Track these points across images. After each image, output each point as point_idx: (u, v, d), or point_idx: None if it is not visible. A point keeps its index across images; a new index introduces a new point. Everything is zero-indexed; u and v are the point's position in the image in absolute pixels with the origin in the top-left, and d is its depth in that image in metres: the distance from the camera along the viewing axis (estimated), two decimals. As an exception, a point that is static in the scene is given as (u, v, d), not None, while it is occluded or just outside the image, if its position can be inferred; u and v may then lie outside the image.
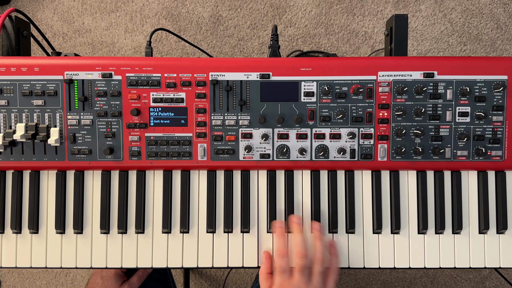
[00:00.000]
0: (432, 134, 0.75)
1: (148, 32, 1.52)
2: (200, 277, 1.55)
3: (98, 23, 1.54)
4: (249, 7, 1.52)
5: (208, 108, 0.76)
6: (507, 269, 1.50)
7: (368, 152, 0.76)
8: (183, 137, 0.76)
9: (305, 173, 0.78)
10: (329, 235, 0.77)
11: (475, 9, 1.51)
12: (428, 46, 1.52)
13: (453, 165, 0.76)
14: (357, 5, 1.52)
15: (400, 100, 0.75)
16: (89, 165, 0.76)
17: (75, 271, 1.56)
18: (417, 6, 1.51)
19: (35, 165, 0.76)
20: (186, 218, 0.77)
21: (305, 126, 0.76)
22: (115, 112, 0.75)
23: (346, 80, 0.75)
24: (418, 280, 1.55)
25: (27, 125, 0.75)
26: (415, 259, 0.77)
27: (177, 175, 0.78)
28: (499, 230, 0.77)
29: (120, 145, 0.76)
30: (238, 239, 0.78)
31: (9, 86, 0.75)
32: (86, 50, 1.55)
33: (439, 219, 0.77)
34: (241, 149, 0.76)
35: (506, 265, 0.77)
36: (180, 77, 0.75)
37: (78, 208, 0.77)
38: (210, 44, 1.53)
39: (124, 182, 0.78)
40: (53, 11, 1.54)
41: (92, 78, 0.75)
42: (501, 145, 0.75)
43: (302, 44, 1.52)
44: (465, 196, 0.78)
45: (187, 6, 1.52)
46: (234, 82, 0.75)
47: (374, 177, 0.78)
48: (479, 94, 0.75)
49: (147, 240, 0.78)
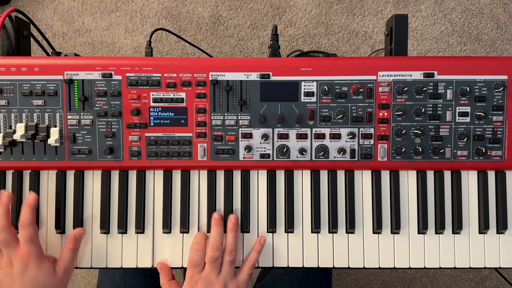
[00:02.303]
0: (432, 134, 0.75)
1: (148, 32, 1.52)
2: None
3: (98, 23, 1.54)
4: (249, 7, 1.52)
5: (208, 108, 0.76)
6: (507, 269, 1.50)
7: (368, 152, 0.76)
8: (183, 137, 0.76)
9: (305, 173, 0.78)
10: (329, 235, 0.77)
11: (475, 9, 1.51)
12: (428, 46, 1.52)
13: (453, 165, 0.76)
14: (357, 5, 1.52)
15: (400, 100, 0.75)
16: (89, 165, 0.76)
17: (75, 271, 1.55)
18: (417, 6, 1.51)
19: (35, 165, 0.76)
20: (186, 218, 0.77)
21: (305, 126, 0.76)
22: (115, 112, 0.75)
23: (346, 80, 0.75)
24: (418, 280, 1.55)
25: (27, 125, 0.75)
26: (415, 259, 0.77)
27: (177, 175, 0.78)
28: (499, 230, 0.77)
29: (120, 145, 0.76)
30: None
31: (9, 86, 0.75)
32: (86, 50, 1.55)
33: (439, 219, 0.77)
34: (241, 149, 0.76)
35: (506, 265, 0.77)
36: (180, 77, 0.75)
37: (78, 208, 0.77)
38: (210, 44, 1.53)
39: (124, 182, 0.78)
40: (53, 11, 1.54)
41: (92, 78, 0.75)
42: (501, 145, 0.75)
43: (302, 44, 1.52)
44: (465, 196, 0.78)
45: (187, 6, 1.52)
46: (234, 82, 0.75)
47: (374, 177, 0.78)
48: (479, 94, 0.75)
49: (147, 240, 0.78)
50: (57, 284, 0.71)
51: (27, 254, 0.69)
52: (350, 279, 1.54)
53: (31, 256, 0.69)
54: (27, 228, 0.70)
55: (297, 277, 0.96)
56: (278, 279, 0.97)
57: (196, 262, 0.72)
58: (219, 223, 0.75)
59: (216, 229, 0.74)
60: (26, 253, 0.69)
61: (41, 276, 0.69)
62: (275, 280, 0.97)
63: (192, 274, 0.72)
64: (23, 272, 0.69)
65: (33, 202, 0.72)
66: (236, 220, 0.76)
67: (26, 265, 0.69)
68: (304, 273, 0.97)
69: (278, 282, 0.96)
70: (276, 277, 0.97)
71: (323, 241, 0.77)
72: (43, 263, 0.70)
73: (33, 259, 0.69)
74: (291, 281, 0.95)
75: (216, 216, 0.76)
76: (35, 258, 0.69)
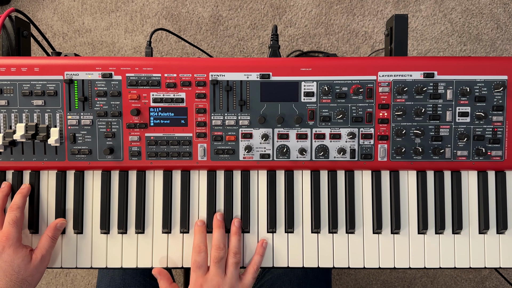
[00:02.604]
0: (432, 134, 0.75)
1: (148, 32, 1.52)
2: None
3: (98, 23, 1.54)
4: (249, 7, 1.52)
5: (208, 108, 0.76)
6: (507, 269, 1.50)
7: (368, 152, 0.76)
8: (183, 137, 0.76)
9: (305, 173, 0.78)
10: (329, 235, 0.77)
11: (475, 9, 1.51)
12: (428, 46, 1.52)
13: (453, 165, 0.76)
14: (357, 5, 1.52)
15: (400, 100, 0.75)
16: (89, 165, 0.76)
17: (75, 271, 1.56)
18: (417, 6, 1.51)
19: (35, 165, 0.76)
20: (186, 218, 0.77)
21: (305, 126, 0.76)
22: (115, 112, 0.75)
23: (346, 80, 0.75)
24: (418, 280, 1.55)
25: (27, 125, 0.75)
26: (415, 259, 0.77)
27: (177, 175, 0.78)
28: (499, 230, 0.77)
29: (120, 145, 0.76)
30: (238, 239, 0.78)
31: (9, 86, 0.75)
32: (86, 50, 1.55)
33: (439, 219, 0.77)
34: (241, 149, 0.76)
35: (506, 265, 0.77)
36: (180, 77, 0.75)
37: (78, 208, 0.77)
38: (210, 44, 1.53)
39: (124, 182, 0.78)
40: (53, 11, 1.54)
41: (92, 78, 0.75)
42: (501, 145, 0.75)
43: (302, 44, 1.52)
44: (465, 196, 0.78)
45: (187, 6, 1.52)
46: (234, 82, 0.75)
47: (374, 177, 0.78)
48: (479, 94, 0.75)
49: (147, 240, 0.78)
50: (32, 271, 0.71)
51: (7, 236, 0.70)
52: (350, 279, 1.54)
53: (10, 239, 0.70)
54: (15, 211, 0.72)
55: (297, 277, 0.96)
56: (277, 279, 0.97)
57: (200, 263, 0.72)
58: (221, 225, 0.75)
59: (219, 231, 0.74)
60: (6, 235, 0.70)
61: (16, 262, 0.69)
62: (274, 280, 0.97)
63: (197, 277, 0.71)
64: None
65: (25, 190, 0.76)
66: (239, 224, 0.76)
67: (3, 247, 0.69)
68: (304, 273, 0.97)
69: (277, 282, 0.96)
70: (276, 277, 0.97)
71: (323, 241, 0.77)
72: (20, 248, 0.71)
73: (11, 242, 0.70)
74: (291, 281, 0.95)
75: (219, 218, 0.76)
76: (13, 242, 0.70)
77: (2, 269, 0.68)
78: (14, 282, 0.68)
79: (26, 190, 0.76)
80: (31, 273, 0.71)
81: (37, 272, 0.72)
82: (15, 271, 0.69)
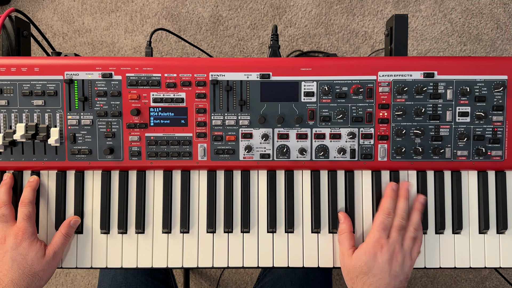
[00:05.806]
0: (432, 134, 0.75)
1: (148, 32, 1.52)
2: (200, 277, 1.55)
3: (98, 23, 1.54)
4: (249, 7, 1.52)
5: (208, 108, 0.76)
6: (507, 269, 1.50)
7: (368, 152, 0.76)
8: (183, 137, 0.76)
9: (305, 173, 0.78)
10: (329, 235, 0.77)
11: (475, 9, 1.51)
12: (428, 46, 1.52)
13: (453, 165, 0.76)
14: (357, 5, 1.52)
15: (400, 100, 0.75)
16: (89, 165, 0.76)
17: (75, 271, 1.56)
18: (417, 6, 1.51)
19: (35, 165, 0.76)
20: (186, 218, 0.77)
21: (305, 126, 0.76)
22: (115, 112, 0.75)
23: (346, 80, 0.75)
24: (418, 280, 1.55)
25: (27, 125, 0.75)
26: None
27: (177, 175, 0.78)
28: (499, 230, 0.77)
29: (120, 145, 0.76)
30: (238, 239, 0.78)
31: (9, 86, 0.75)
32: (86, 50, 1.55)
33: (439, 219, 0.77)
34: (241, 149, 0.76)
35: (506, 265, 0.77)
36: (180, 77, 0.75)
37: (78, 208, 0.77)
38: (210, 44, 1.53)
39: (124, 182, 0.78)
40: (53, 11, 1.54)
41: (92, 78, 0.75)
42: (501, 145, 0.75)
43: (302, 44, 1.52)
44: (465, 196, 0.78)
45: (187, 6, 1.52)
46: (234, 82, 0.75)
47: (374, 177, 0.78)
48: (479, 94, 0.75)
49: (147, 240, 0.78)
50: (44, 267, 0.72)
51: (22, 231, 0.71)
52: (350, 279, 1.54)
53: (26, 233, 0.71)
54: (27, 206, 0.73)
55: (298, 278, 0.96)
56: (278, 280, 0.97)
57: (387, 226, 0.73)
58: (407, 196, 0.75)
59: (404, 201, 0.75)
60: (22, 229, 0.71)
61: (30, 255, 0.70)
62: (275, 281, 0.97)
63: (380, 237, 0.72)
64: (14, 248, 0.70)
65: (34, 183, 0.76)
66: (424, 201, 0.76)
67: (20, 242, 0.71)
68: (305, 274, 0.97)
69: (278, 282, 0.96)
70: (277, 278, 0.97)
71: (323, 241, 0.77)
72: (34, 242, 0.72)
73: (26, 236, 0.71)
74: (292, 281, 0.95)
75: (407, 187, 0.76)
76: (28, 236, 0.71)
77: (16, 261, 0.70)
78: (26, 275, 0.70)
79: (35, 183, 0.76)
80: (43, 267, 0.72)
81: (49, 267, 0.73)
82: (28, 264, 0.70)
